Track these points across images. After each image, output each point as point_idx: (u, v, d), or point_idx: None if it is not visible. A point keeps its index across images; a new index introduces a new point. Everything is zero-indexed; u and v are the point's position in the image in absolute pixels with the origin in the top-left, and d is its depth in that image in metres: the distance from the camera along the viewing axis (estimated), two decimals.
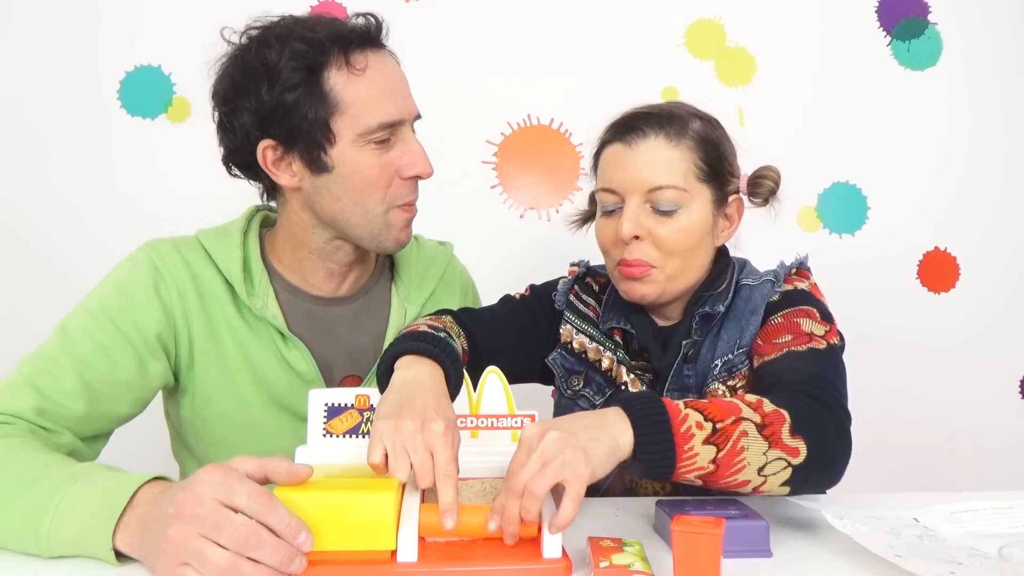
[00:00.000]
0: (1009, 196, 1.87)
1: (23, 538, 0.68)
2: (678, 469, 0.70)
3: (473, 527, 0.66)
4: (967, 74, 1.85)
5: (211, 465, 0.63)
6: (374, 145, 0.91)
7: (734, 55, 1.79)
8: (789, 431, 0.73)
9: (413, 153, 0.94)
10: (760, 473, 0.72)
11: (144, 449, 1.14)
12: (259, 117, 0.90)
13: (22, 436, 0.78)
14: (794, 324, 0.91)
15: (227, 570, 0.58)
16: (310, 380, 0.98)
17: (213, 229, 1.01)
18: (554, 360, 1.04)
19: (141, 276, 0.94)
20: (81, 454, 0.86)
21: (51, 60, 1.62)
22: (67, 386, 0.85)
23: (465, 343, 0.94)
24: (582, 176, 1.75)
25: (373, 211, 0.94)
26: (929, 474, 1.82)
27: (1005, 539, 0.62)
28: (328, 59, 0.89)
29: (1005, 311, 1.87)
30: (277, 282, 1.01)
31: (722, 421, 0.72)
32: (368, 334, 1.04)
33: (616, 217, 0.94)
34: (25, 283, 1.59)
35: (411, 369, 0.78)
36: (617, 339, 1.02)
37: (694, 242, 0.94)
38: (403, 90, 0.95)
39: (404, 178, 0.94)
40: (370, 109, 0.90)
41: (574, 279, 1.09)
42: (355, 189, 0.92)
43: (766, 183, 0.99)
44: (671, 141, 0.93)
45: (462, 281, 1.17)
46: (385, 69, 0.93)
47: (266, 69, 0.88)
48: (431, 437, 0.67)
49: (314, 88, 0.88)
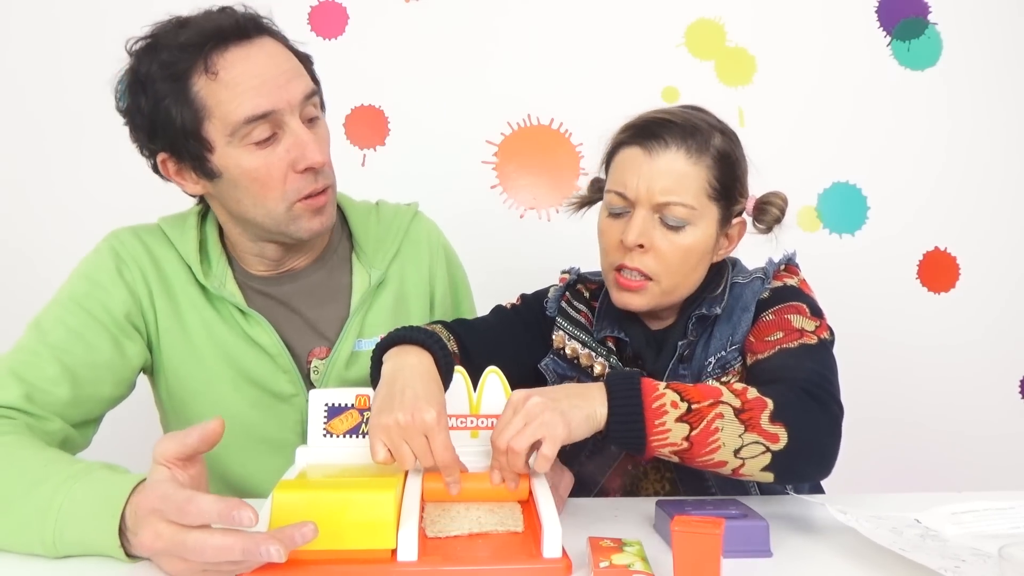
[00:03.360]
0: (1009, 196, 1.87)
1: (29, 539, 0.68)
2: (649, 442, 0.74)
3: (473, 492, 0.74)
4: (967, 74, 1.85)
5: (146, 486, 0.64)
6: (254, 145, 0.88)
7: (734, 55, 1.79)
8: (769, 417, 0.75)
9: (300, 145, 0.89)
10: (737, 455, 0.75)
11: (139, 439, 1.13)
12: (146, 131, 0.90)
13: (19, 433, 0.78)
14: (785, 321, 0.91)
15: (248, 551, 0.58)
16: (275, 354, 0.99)
17: (173, 215, 1.04)
18: (546, 366, 1.04)
19: (104, 262, 0.97)
20: (73, 441, 0.88)
21: (51, 59, 1.62)
22: (49, 372, 0.86)
23: (456, 347, 0.94)
24: (582, 176, 1.75)
25: (275, 209, 0.92)
26: (929, 474, 1.82)
27: (1006, 540, 0.62)
28: (192, 64, 0.86)
29: (1005, 311, 1.87)
30: (235, 266, 1.02)
31: (699, 403, 0.75)
32: (330, 304, 1.04)
33: (622, 220, 0.94)
34: (26, 284, 1.59)
35: (397, 359, 0.79)
36: (610, 345, 1.02)
37: (694, 260, 0.93)
38: (278, 77, 0.88)
39: (298, 171, 0.90)
40: (234, 107, 0.86)
41: (565, 286, 1.09)
42: (249, 191, 0.91)
43: (772, 210, 0.99)
44: (691, 157, 0.91)
45: (430, 238, 1.14)
46: (248, 62, 0.88)
47: (141, 83, 0.88)
48: (424, 427, 0.71)
49: (181, 96, 0.87)
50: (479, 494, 0.75)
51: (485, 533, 0.70)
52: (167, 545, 0.60)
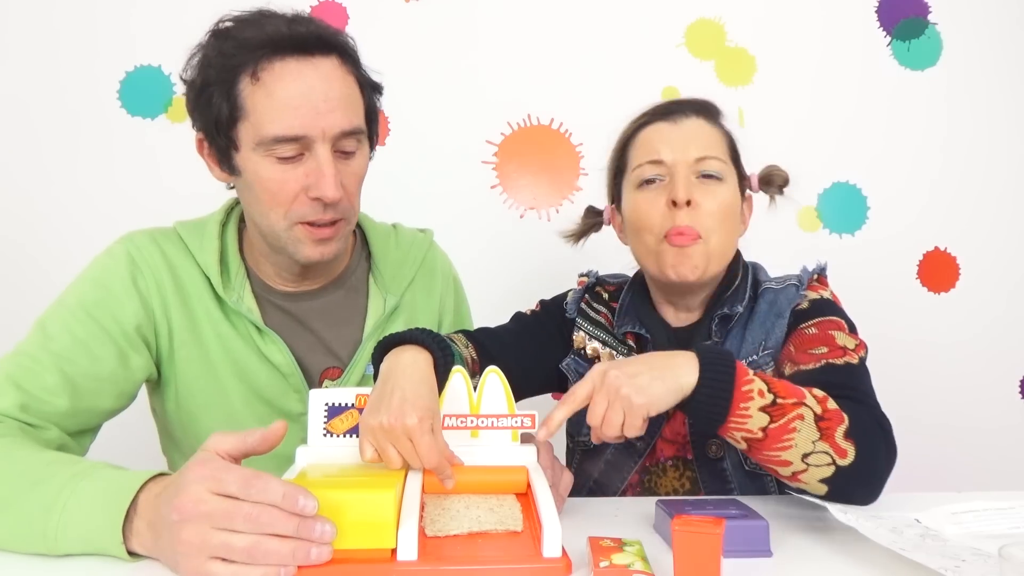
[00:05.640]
0: (1009, 196, 1.87)
1: (30, 538, 0.67)
2: (728, 423, 0.75)
3: (470, 484, 0.74)
4: (967, 74, 1.85)
5: (193, 461, 0.63)
6: (276, 159, 0.88)
7: (734, 55, 1.80)
8: (844, 433, 0.76)
9: (318, 174, 0.88)
10: (804, 460, 0.75)
11: (134, 447, 1.14)
12: (193, 107, 0.92)
13: (14, 435, 0.78)
14: (829, 336, 0.92)
15: (254, 551, 0.59)
16: (288, 374, 0.98)
17: (192, 221, 1.01)
18: (568, 365, 1.05)
19: (118, 268, 0.94)
20: (69, 449, 0.86)
21: (51, 60, 1.62)
22: (48, 382, 0.84)
23: (474, 353, 0.95)
24: (582, 176, 1.75)
25: (276, 224, 0.92)
26: (929, 474, 1.81)
27: (1006, 540, 0.62)
28: (243, 63, 0.87)
29: (1005, 311, 1.87)
30: (253, 278, 1.01)
31: (784, 399, 0.76)
32: (346, 326, 1.04)
33: (660, 188, 0.96)
34: (26, 284, 1.59)
35: (392, 359, 0.79)
36: (631, 343, 1.02)
37: (734, 217, 0.97)
38: (319, 104, 0.87)
39: (309, 197, 0.90)
40: (268, 120, 0.86)
41: (584, 289, 1.10)
42: (258, 199, 0.91)
43: (776, 177, 1.03)
44: (710, 122, 1.00)
45: (443, 269, 1.16)
46: (297, 80, 0.87)
47: (201, 63, 0.89)
48: (407, 431, 0.70)
49: (228, 90, 0.87)
50: (477, 486, 0.75)
51: (485, 532, 0.69)
52: (210, 510, 0.59)
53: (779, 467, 0.77)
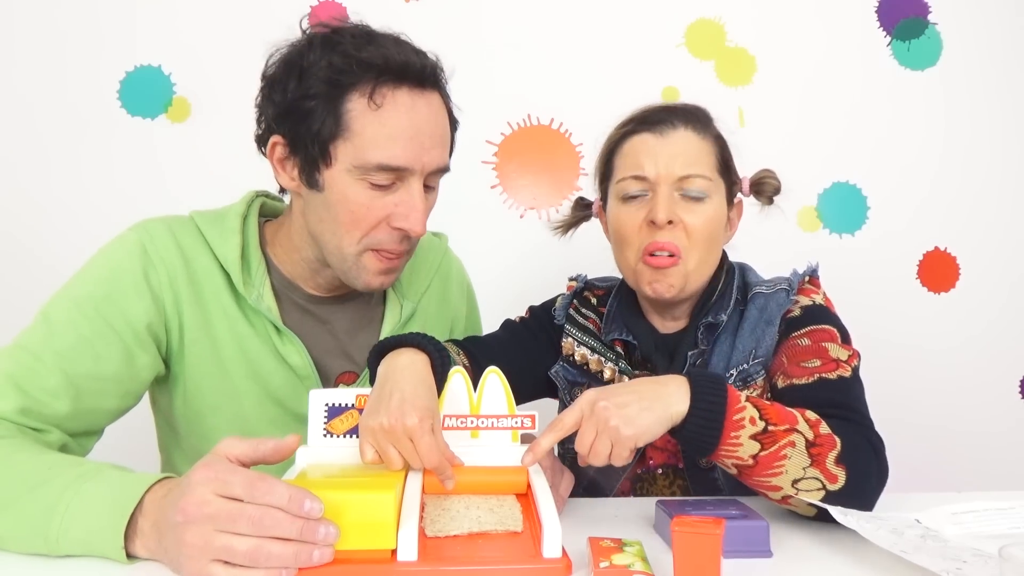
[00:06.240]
0: (1009, 196, 1.87)
1: (31, 538, 0.67)
2: (719, 450, 0.74)
3: (470, 485, 0.75)
4: (967, 74, 1.85)
5: (200, 464, 0.63)
6: (370, 184, 0.87)
7: (734, 55, 1.79)
8: (835, 458, 0.76)
9: (408, 205, 0.88)
10: (794, 485, 0.75)
11: (135, 447, 1.13)
12: (279, 111, 0.89)
13: (14, 437, 0.77)
14: (822, 349, 0.91)
15: (256, 555, 0.59)
16: (304, 376, 0.97)
17: (211, 211, 0.98)
18: (556, 373, 1.05)
19: (130, 262, 0.90)
20: (71, 451, 0.84)
21: (52, 60, 1.62)
22: (50, 384, 0.82)
23: (466, 361, 0.96)
24: (582, 176, 1.75)
25: (347, 248, 0.90)
26: (929, 474, 1.82)
27: (1006, 540, 0.62)
28: (356, 82, 0.85)
29: (1005, 311, 1.87)
30: (274, 273, 0.98)
31: (776, 425, 0.75)
32: (363, 331, 1.03)
33: (641, 204, 0.95)
34: (25, 285, 1.59)
35: (389, 361, 0.79)
36: (619, 350, 1.02)
37: (716, 234, 0.96)
38: (425, 139, 0.88)
39: (392, 227, 0.90)
40: (374, 146, 0.86)
41: (572, 294, 1.10)
42: (336, 218, 0.89)
43: (769, 183, 1.02)
44: (699, 133, 0.96)
45: (458, 276, 1.16)
46: (412, 112, 0.87)
47: (300, 69, 0.87)
48: (407, 431, 0.70)
49: (332, 105, 0.85)
50: (477, 487, 0.75)
51: (485, 533, 0.69)
52: (214, 512, 0.59)
53: (769, 491, 0.77)
